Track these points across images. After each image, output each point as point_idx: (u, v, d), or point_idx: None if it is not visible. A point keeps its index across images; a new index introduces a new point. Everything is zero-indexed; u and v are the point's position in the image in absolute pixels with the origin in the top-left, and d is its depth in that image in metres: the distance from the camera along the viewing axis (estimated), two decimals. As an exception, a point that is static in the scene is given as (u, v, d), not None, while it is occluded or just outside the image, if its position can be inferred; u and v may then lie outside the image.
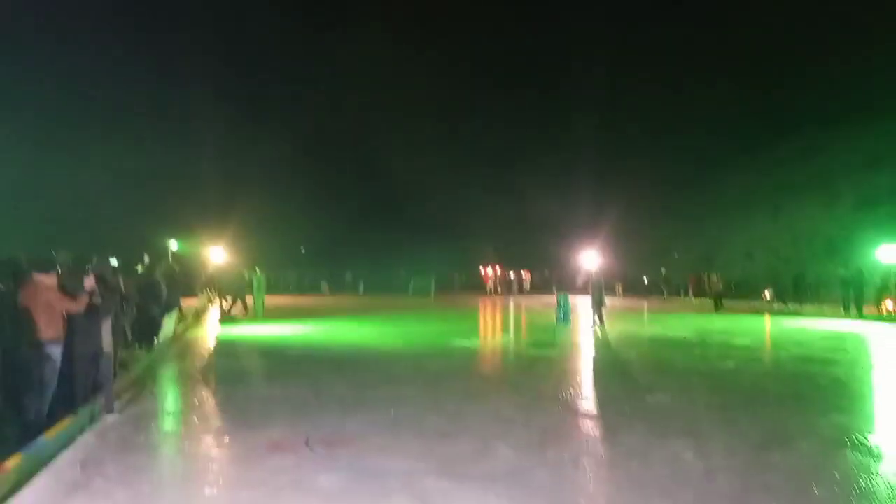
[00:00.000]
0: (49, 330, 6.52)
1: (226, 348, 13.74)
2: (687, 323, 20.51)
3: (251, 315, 20.71)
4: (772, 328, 19.12)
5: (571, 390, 8.95)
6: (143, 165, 36.49)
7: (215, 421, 7.18)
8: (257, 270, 21.58)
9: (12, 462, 4.80)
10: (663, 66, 50.24)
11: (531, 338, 15.94)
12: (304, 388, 8.90)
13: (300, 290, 41.08)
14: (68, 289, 6.80)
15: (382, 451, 5.78)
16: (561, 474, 5.21)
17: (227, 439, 6.26)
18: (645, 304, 23.75)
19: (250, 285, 21.29)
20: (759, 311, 25.85)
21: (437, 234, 45.49)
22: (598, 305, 18.35)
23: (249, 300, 21.34)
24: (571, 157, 49.97)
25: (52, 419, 6.33)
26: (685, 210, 46.96)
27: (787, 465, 5.50)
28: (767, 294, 29.24)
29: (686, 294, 34.93)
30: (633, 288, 39.58)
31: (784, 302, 28.05)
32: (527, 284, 46.77)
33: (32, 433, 5.87)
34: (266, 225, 38.92)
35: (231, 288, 21.87)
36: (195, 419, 7.21)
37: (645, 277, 40.95)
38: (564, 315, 19.80)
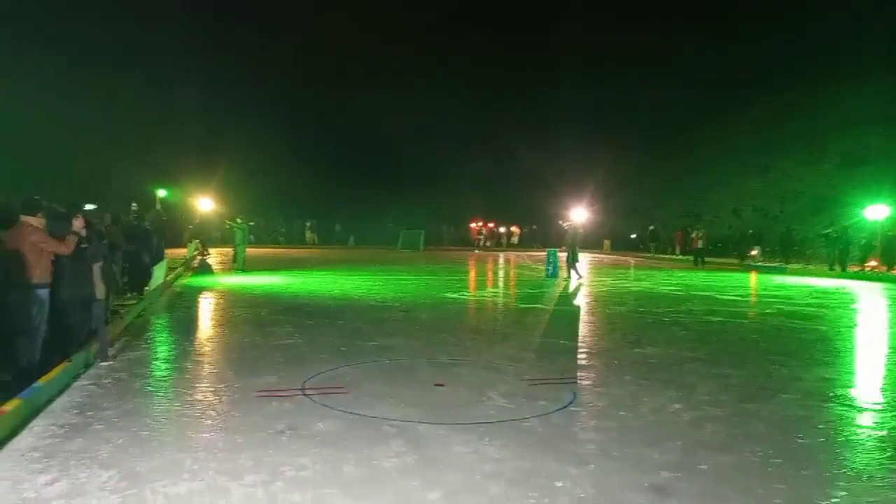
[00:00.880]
0: (37, 273, 6.46)
1: (216, 298, 13.76)
2: (674, 278, 20.74)
3: (235, 266, 20.57)
4: (758, 284, 19.40)
5: (561, 342, 9.08)
6: (128, 113, 35.74)
7: (210, 368, 7.22)
8: (239, 220, 21.33)
9: (11, 406, 4.82)
10: (653, 17, 49.49)
11: (520, 291, 16.08)
12: (297, 336, 8.96)
13: (289, 241, 40.97)
14: (55, 231, 6.72)
15: (377, 399, 5.86)
16: (551, 422, 5.32)
17: (222, 385, 6.31)
18: (632, 260, 23.95)
19: (233, 236, 21.08)
20: (745, 268, 26.18)
21: (426, 188, 45.25)
22: (573, 260, 18.65)
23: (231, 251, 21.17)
24: (560, 111, 49.61)
25: (44, 364, 6.34)
26: (673, 166, 46.96)
27: (772, 416, 5.65)
28: (754, 251, 29.53)
29: (673, 250, 35.22)
30: (620, 244, 39.85)
31: (770, 259, 28.38)
32: (515, 239, 46.98)
33: (26, 378, 5.89)
34: (254, 175, 38.49)
35: (214, 238, 21.70)
36: (190, 366, 7.25)
37: (632, 233, 41.17)
38: (553, 269, 19.95)
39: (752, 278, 21.63)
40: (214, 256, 21.01)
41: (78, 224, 7.01)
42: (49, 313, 6.66)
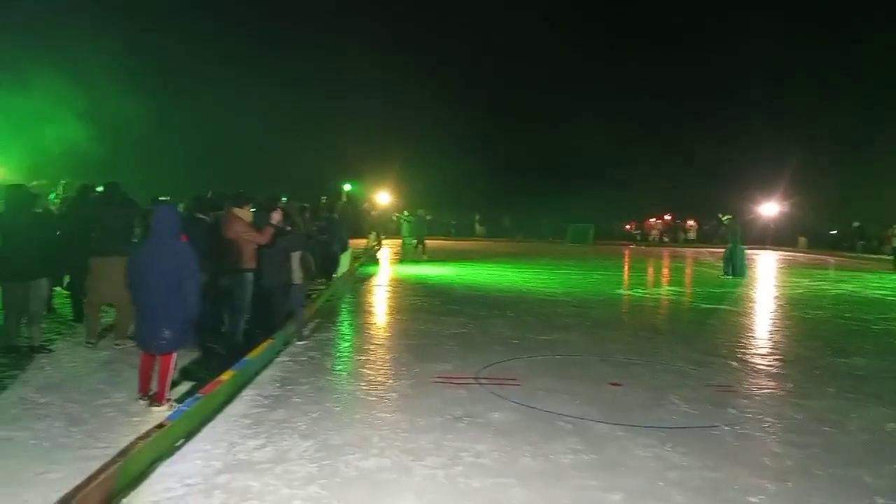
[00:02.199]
0: (243, 258, 7.23)
1: (394, 285, 14.50)
2: (884, 281, 18.31)
3: (406, 256, 21.19)
4: None
5: (750, 347, 8.39)
6: (313, 112, 38.76)
7: (390, 351, 7.63)
8: (406, 213, 22.02)
9: (226, 376, 5.44)
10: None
11: (700, 290, 15.11)
12: (470, 326, 9.16)
13: (458, 233, 42.07)
14: (257, 222, 7.47)
15: (551, 394, 5.82)
16: (742, 433, 4.94)
17: (402, 369, 6.63)
18: (832, 259, 21.48)
19: (400, 227, 21.79)
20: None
21: (597, 180, 44.04)
22: (734, 257, 17.68)
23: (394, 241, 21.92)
24: (747, 93, 45.76)
25: (249, 341, 7.10)
26: (884, 152, 41.24)
27: None
28: None
29: (884, 250, 31.05)
30: (818, 241, 35.98)
31: None
32: (693, 234, 44.23)
33: (234, 353, 6.62)
34: (429, 169, 39.97)
35: (389, 229, 22.73)
36: (372, 348, 7.72)
37: (832, 230, 36.92)
38: (737, 268, 18.53)
39: None
40: (389, 247, 22.10)
41: (276, 216, 7.73)
42: (253, 296, 7.44)
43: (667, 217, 43.79)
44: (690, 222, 45.16)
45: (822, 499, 3.80)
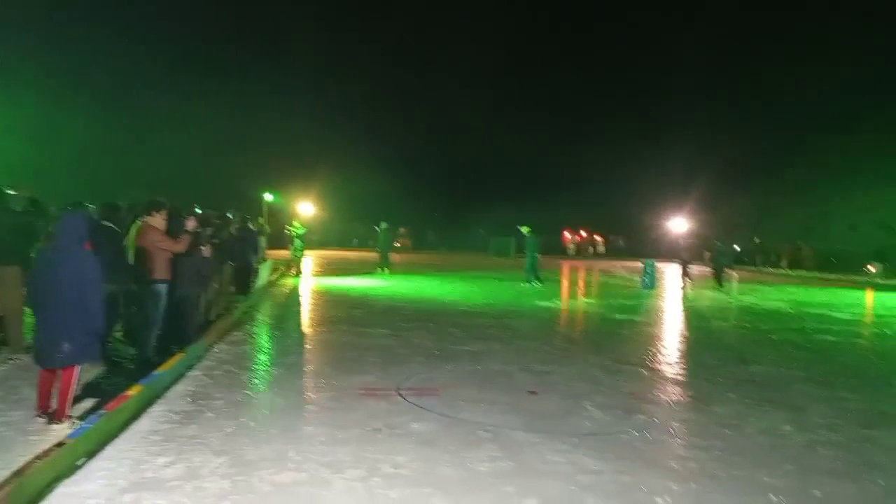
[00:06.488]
0: (156, 269, 6.92)
1: (314, 298, 14.26)
2: (782, 294, 19.59)
3: (292, 272, 20.00)
4: (876, 303, 17.98)
5: (659, 356, 8.77)
6: (233, 122, 37.93)
7: (310, 364, 7.49)
8: (296, 224, 21.07)
9: (133, 391, 5.19)
10: (774, 19, 46.97)
11: (615, 302, 15.67)
12: (392, 338, 9.14)
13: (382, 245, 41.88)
14: (172, 231, 7.17)
15: (471, 403, 5.88)
16: (651, 437, 5.15)
17: (322, 382, 6.53)
18: (735, 274, 22.75)
19: (292, 240, 20.86)
20: (860, 285, 24.36)
21: (517, 195, 45.10)
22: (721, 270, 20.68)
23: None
24: (659, 116, 48.12)
25: (160, 355, 6.80)
26: (784, 177, 44.30)
27: (897, 444, 5.21)
28: (872, 267, 27.42)
29: (781, 265, 33.27)
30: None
31: (892, 276, 26.26)
32: (601, 248, 46.42)
33: (144, 366, 6.34)
34: (352, 182, 39.71)
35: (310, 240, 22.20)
36: (292, 361, 7.56)
37: (736, 246, 39.17)
38: (650, 280, 19.36)
39: (869, 296, 20.07)
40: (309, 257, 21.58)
41: (191, 224, 7.47)
42: (166, 308, 7.13)
43: (582, 233, 45.49)
44: (598, 237, 47.41)
45: (722, 497, 4.01)
